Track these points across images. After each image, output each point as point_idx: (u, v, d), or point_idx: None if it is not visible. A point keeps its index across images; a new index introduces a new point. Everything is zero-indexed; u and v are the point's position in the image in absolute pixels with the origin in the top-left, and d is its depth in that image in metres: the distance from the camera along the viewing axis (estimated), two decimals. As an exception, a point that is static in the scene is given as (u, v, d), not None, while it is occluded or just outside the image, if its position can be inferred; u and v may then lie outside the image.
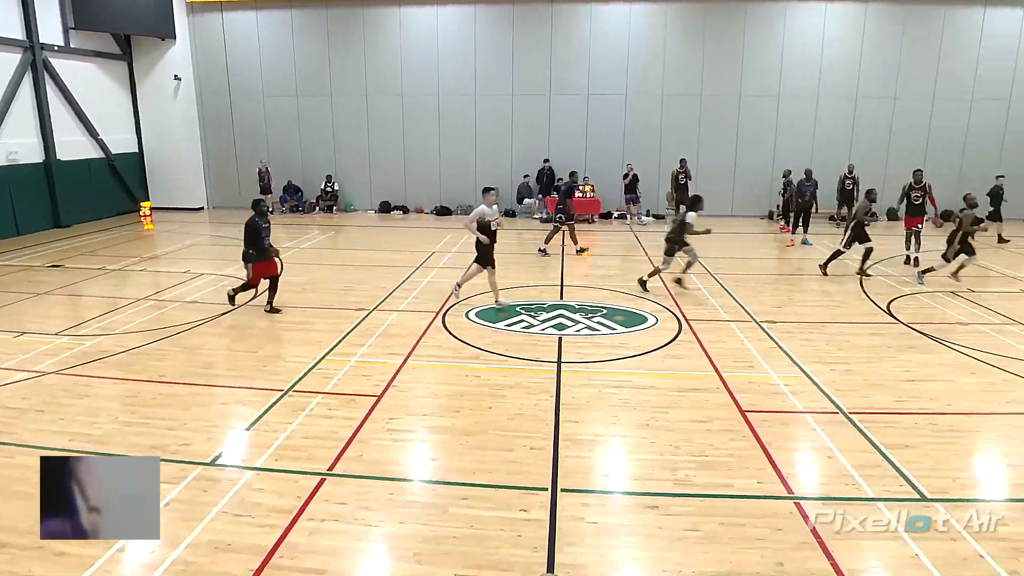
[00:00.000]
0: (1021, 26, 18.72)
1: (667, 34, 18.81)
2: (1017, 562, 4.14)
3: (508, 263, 13.13)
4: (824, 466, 5.33)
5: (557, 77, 19.14)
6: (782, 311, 9.85)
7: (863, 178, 18.39)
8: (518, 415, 6.17)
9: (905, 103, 19.19)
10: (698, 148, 19.23)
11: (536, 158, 19.43)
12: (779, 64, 18.93)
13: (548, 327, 8.85)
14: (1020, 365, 7.62)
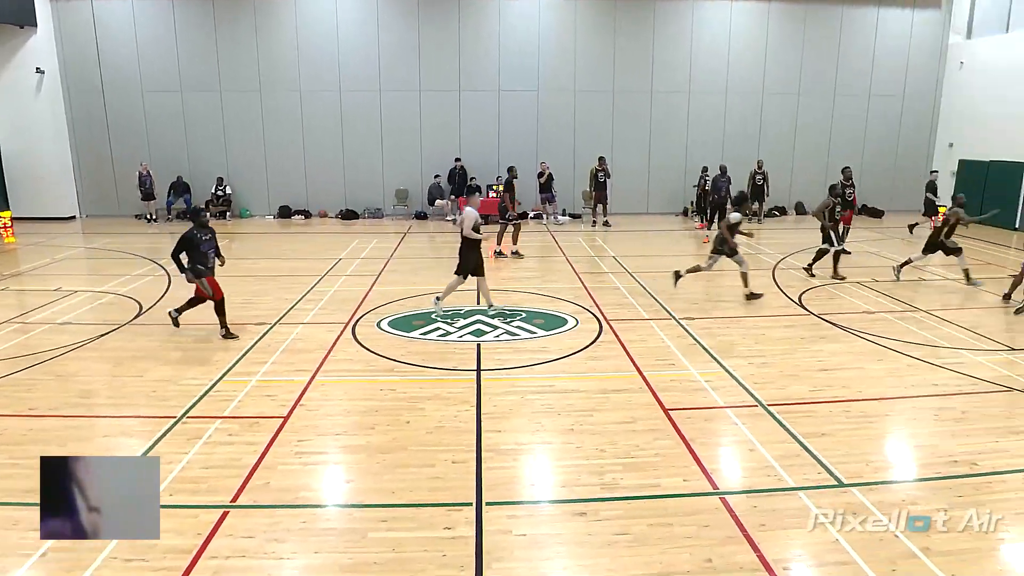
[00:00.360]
0: (911, 26, 20.48)
1: (577, 29, 19.28)
2: (929, 539, 4.51)
3: (421, 268, 13.03)
4: (746, 459, 5.61)
5: (467, 72, 19.21)
6: (700, 307, 10.29)
7: (772, 173, 19.56)
8: (438, 428, 6.13)
9: (809, 99, 20.55)
10: (612, 145, 19.80)
11: (447, 157, 19.40)
12: (688, 60, 19.81)
13: (466, 334, 8.84)
14: (921, 350, 8.32)
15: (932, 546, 4.41)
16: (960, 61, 20.26)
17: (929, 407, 6.68)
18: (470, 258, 9.51)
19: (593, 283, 11.76)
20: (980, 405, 6.70)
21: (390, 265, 13.16)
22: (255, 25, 18.66)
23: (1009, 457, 5.63)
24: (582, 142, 19.86)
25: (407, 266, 13.17)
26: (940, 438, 6.01)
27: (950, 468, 5.46)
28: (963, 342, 8.69)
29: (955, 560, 4.29)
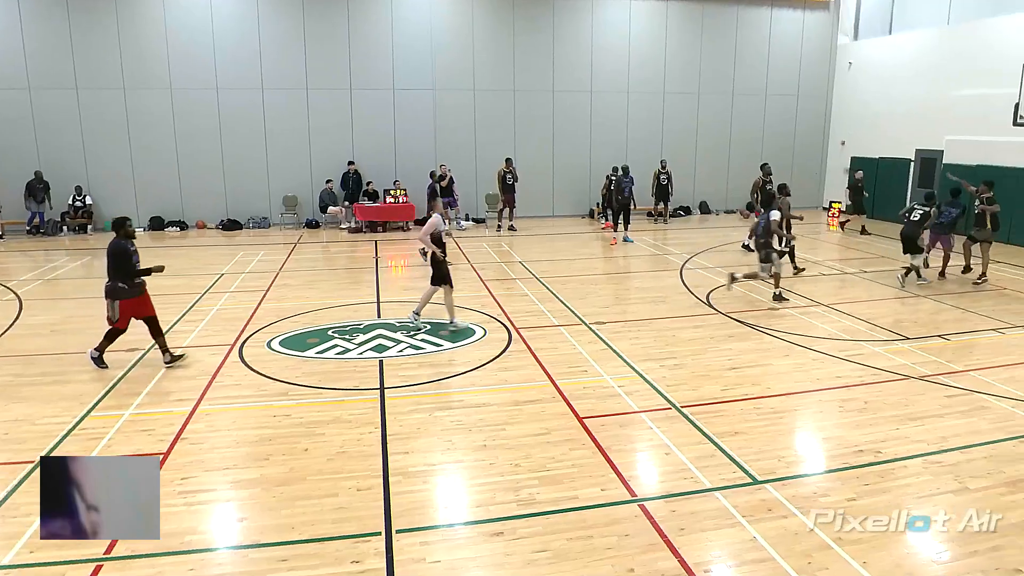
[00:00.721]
0: (803, 26, 22.00)
1: (475, 26, 19.42)
2: (840, 529, 4.81)
3: (314, 281, 12.68)
4: (663, 463, 5.80)
5: (358, 69, 18.92)
6: (610, 311, 10.57)
7: (675, 173, 20.42)
8: (340, 454, 5.96)
9: (708, 98, 21.64)
10: (515, 145, 20.05)
11: (340, 161, 19.01)
12: (589, 59, 20.39)
13: (366, 350, 8.67)
14: (825, 344, 8.91)
15: (844, 536, 4.71)
16: (849, 61, 21.95)
17: (834, 399, 7.16)
18: (442, 266, 9.46)
19: (500, 290, 11.84)
20: (881, 394, 7.25)
21: (280, 279, 12.73)
22: (116, 16, 17.56)
23: (909, 443, 6.12)
24: (484, 143, 20.01)
25: (299, 279, 12.78)
26: (846, 429, 6.45)
27: (857, 457, 5.86)
28: (863, 334, 9.38)
29: (866, 548, 4.60)
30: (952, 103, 18.01)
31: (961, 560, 4.51)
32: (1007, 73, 14.42)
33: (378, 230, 18.47)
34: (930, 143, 18.67)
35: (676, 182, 20.32)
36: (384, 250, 15.87)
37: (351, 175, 18.81)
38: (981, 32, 17.42)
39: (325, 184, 18.87)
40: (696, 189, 22.13)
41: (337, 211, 18.84)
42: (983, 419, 6.64)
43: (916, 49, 19.53)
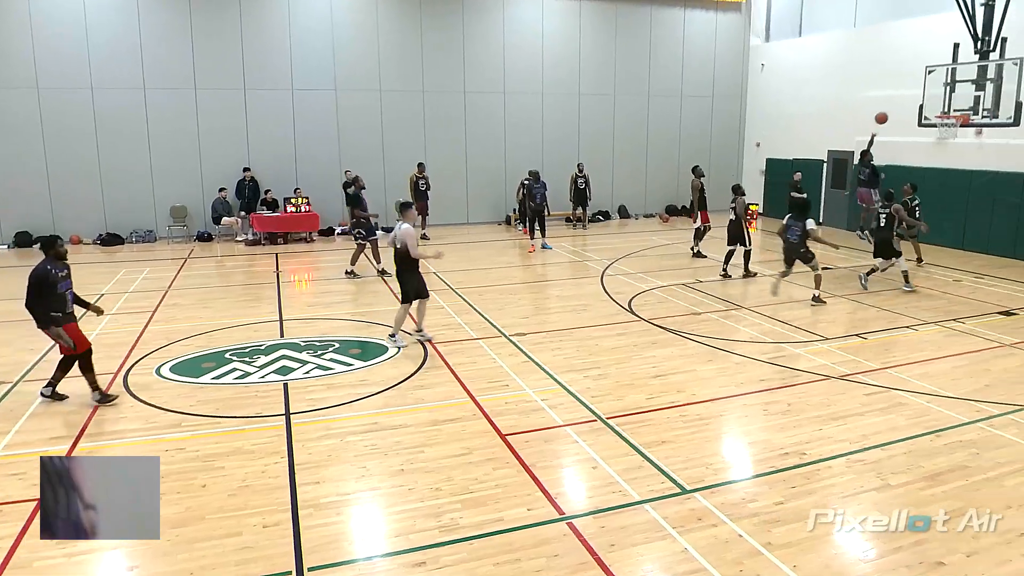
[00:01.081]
0: (716, 27, 22.97)
1: (379, 22, 19.28)
2: (770, 534, 5.01)
3: (208, 299, 12.22)
4: (590, 478, 5.88)
5: (253, 68, 18.40)
6: (530, 322, 10.66)
7: (593, 176, 20.87)
8: (242, 488, 5.74)
9: (624, 99, 22.26)
10: (425, 149, 19.99)
11: (234, 167, 18.41)
12: (501, 59, 20.60)
13: (269, 373, 8.41)
14: (747, 347, 9.28)
15: (773, 540, 4.90)
16: (761, 63, 23.07)
17: (758, 403, 7.46)
18: (412, 280, 9.27)
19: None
20: (803, 396, 7.61)
21: (169, 298, 12.18)
22: (-33, 8, 16.45)
23: (832, 443, 6.45)
24: (392, 147, 19.85)
25: (190, 298, 12.27)
26: (771, 432, 6.73)
27: (782, 460, 6.13)
28: (783, 336, 9.84)
29: (795, 551, 4.80)
30: (861, 104, 19.19)
31: (887, 556, 4.77)
32: (911, 75, 15.50)
33: (278, 242, 17.98)
34: (841, 144, 19.82)
35: (594, 186, 20.77)
36: (286, 263, 15.47)
37: (247, 183, 18.25)
38: (885, 35, 18.69)
39: (218, 193, 18.20)
40: (615, 193, 22.68)
41: (232, 222, 18.21)
42: (901, 415, 7.08)
43: (825, 51, 20.75)
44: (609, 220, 22.38)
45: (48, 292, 7.21)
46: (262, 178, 18.60)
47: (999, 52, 13.58)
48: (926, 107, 14.41)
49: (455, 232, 19.71)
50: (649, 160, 22.89)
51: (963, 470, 5.94)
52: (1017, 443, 6.45)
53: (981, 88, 13.54)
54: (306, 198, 18.40)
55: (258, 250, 17.21)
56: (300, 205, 18.24)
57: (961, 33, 14.07)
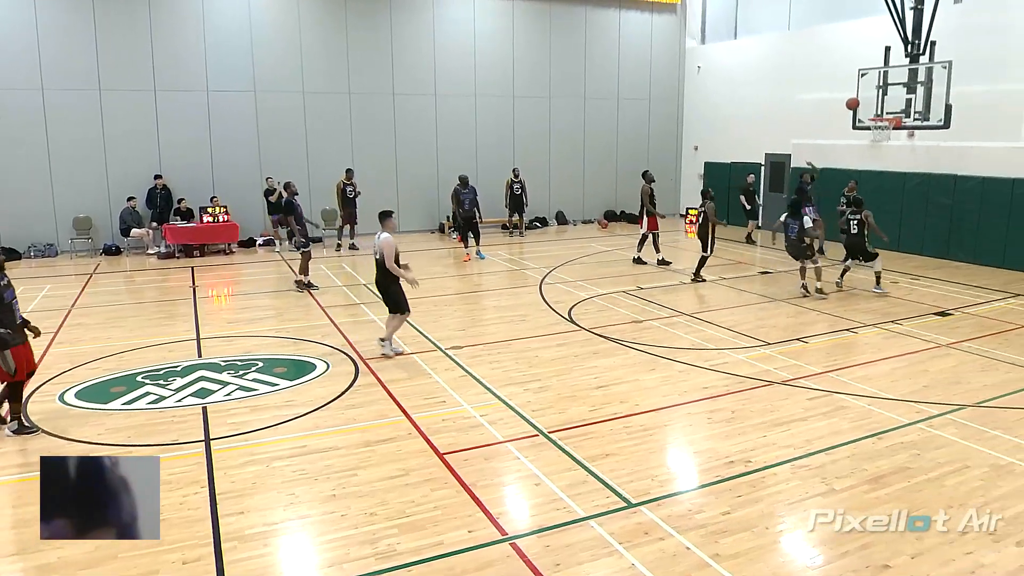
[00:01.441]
0: (651, 29, 23.51)
1: (301, 20, 19.03)
2: (717, 544, 5.11)
3: (117, 318, 11.77)
4: (533, 495, 5.89)
5: (164, 68, 17.89)
6: (467, 334, 10.65)
7: (529, 181, 21.03)
8: (160, 520, 5.52)
9: (560, 102, 22.54)
10: (353, 154, 19.78)
11: (145, 175, 17.83)
12: (432, 59, 20.59)
13: (186, 396, 8.15)
14: (689, 354, 9.48)
15: (721, 551, 5.00)
16: (698, 65, 23.72)
17: (702, 411, 7.62)
18: (398, 290, 9.36)
19: (344, 317, 11.58)
20: (747, 402, 7.81)
21: (72, 317, 11.68)
22: None
23: (777, 449, 6.63)
24: (317, 152, 19.58)
25: (97, 317, 11.80)
26: (715, 441, 6.88)
27: (728, 469, 6.26)
28: (725, 342, 10.09)
29: (743, 561, 4.90)
30: (796, 107, 19.96)
31: (834, 562, 4.93)
32: (845, 77, 16.18)
33: (194, 254, 17.47)
34: (778, 147, 20.54)
35: (531, 191, 20.92)
36: (203, 277, 15.05)
37: (159, 191, 17.70)
38: (819, 37, 19.49)
39: (127, 202, 17.58)
40: (552, 198, 22.90)
41: (143, 234, 17.61)
42: (843, 419, 7.34)
43: (761, 54, 21.49)
44: (546, 227, 22.57)
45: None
46: (175, 186, 18.05)
47: (928, 55, 14.33)
48: (860, 109, 15.07)
49: (386, 241, 19.49)
50: (587, 164, 23.22)
51: (905, 471, 6.20)
52: (956, 443, 6.76)
53: (912, 91, 14.26)
54: (224, 207, 17.94)
55: (172, 264, 16.69)
56: (217, 215, 17.78)
57: (892, 36, 14.80)
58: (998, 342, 10.02)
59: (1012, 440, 6.81)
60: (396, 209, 20.42)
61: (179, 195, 18.02)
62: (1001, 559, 4.92)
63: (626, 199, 23.42)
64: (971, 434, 6.96)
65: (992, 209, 15.35)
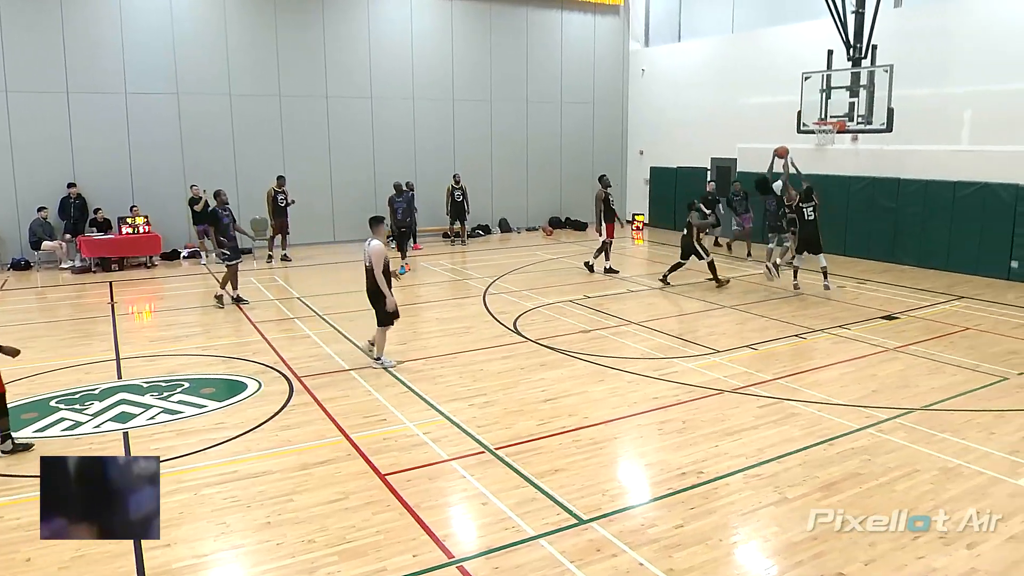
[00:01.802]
0: (594, 31, 23.84)
1: (227, 19, 18.72)
2: (671, 559, 5.17)
3: (28, 338, 11.32)
4: (480, 515, 5.87)
5: (77, 68, 17.35)
6: (408, 348, 10.58)
7: (471, 188, 21.06)
8: (77, 559, 5.34)
9: (501, 106, 22.67)
10: (284, 160, 19.51)
11: (57, 183, 17.25)
12: (367, 60, 20.48)
13: (105, 421, 7.89)
14: (638, 364, 9.60)
15: (675, 566, 5.06)
16: (642, 68, 24.15)
17: (652, 422, 7.72)
18: (383, 305, 9.39)
19: (276, 333, 11.39)
20: (697, 412, 7.94)
21: (-23, 339, 11.20)
22: None
23: (729, 459, 6.76)
24: (245, 158, 19.25)
25: (5, 337, 11.20)
26: (667, 452, 6.97)
27: (680, 481, 6.35)
28: (675, 351, 10.25)
29: (698, 575, 4.99)
30: (741, 111, 20.47)
31: (789, 571, 5.03)
32: (788, 81, 16.69)
33: (112, 268, 16.96)
34: (724, 151, 21.03)
35: (472, 198, 20.95)
36: (122, 293, 14.61)
37: (72, 200, 17.14)
38: (761, 41, 20.05)
39: (37, 213, 16.98)
40: (494, 205, 22.98)
41: (55, 247, 17.02)
42: (794, 426, 7.53)
43: (704, 57, 22.01)
44: (489, 235, 22.62)
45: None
46: (91, 195, 17.51)
47: (870, 59, 14.88)
48: (804, 113, 15.55)
49: (321, 252, 19.31)
50: (530, 170, 23.38)
51: (856, 477, 6.38)
52: (905, 447, 7.00)
53: (855, 94, 14.78)
54: (145, 217, 17.47)
55: (88, 278, 16.16)
56: (138, 225, 17.30)
57: (835, 40, 15.32)
58: (944, 345, 10.42)
59: (960, 443, 7.09)
60: (331, 218, 20.51)
61: (95, 204, 17.48)
62: (952, 562, 5.10)
63: (571, 205, 23.68)
64: (920, 438, 7.22)
65: (935, 212, 16.00)
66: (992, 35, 14.93)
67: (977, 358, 9.78)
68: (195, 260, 18.22)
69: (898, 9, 16.90)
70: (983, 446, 7.01)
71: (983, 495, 6.04)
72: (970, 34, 15.33)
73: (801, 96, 15.52)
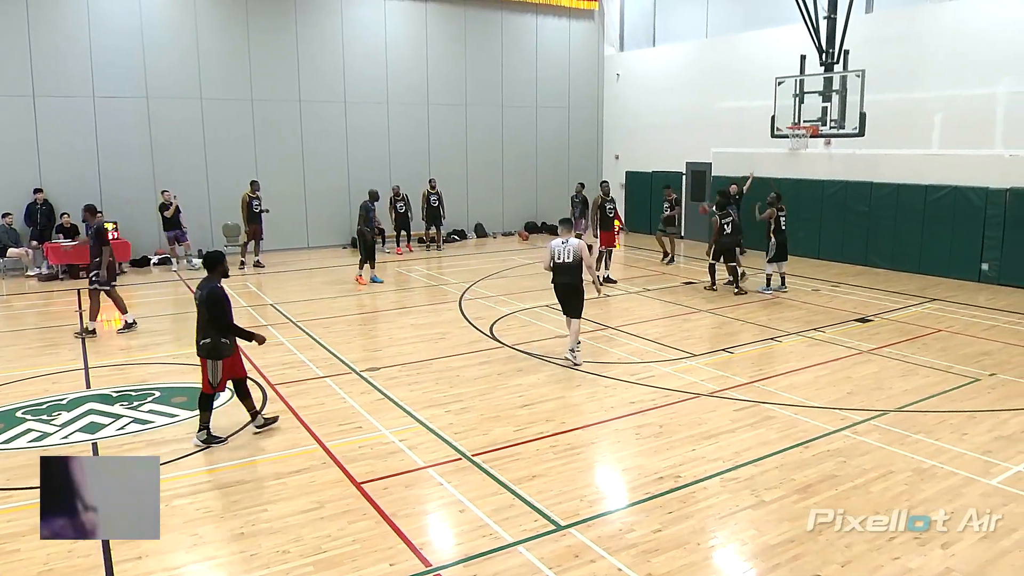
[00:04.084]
0: (569, 36, 23.95)
1: (198, 22, 18.55)
2: (649, 564, 5.18)
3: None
4: (458, 522, 5.85)
5: (45, 72, 17.08)
6: (383, 354, 10.53)
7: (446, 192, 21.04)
8: (45, 572, 5.25)
9: (477, 110, 22.68)
10: (256, 165, 19.36)
11: (23, 189, 16.97)
12: (341, 64, 20.40)
13: (74, 432, 7.77)
14: (615, 369, 9.64)
15: (653, 571, 5.08)
16: (617, 73, 24.29)
17: (630, 427, 7.74)
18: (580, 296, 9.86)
19: (250, 340, 11.27)
20: (675, 416, 7.99)
21: (-61, 349, 11.00)
22: None
23: (706, 463, 6.80)
24: (216, 163, 19.06)
25: None
26: (644, 457, 7.00)
27: (658, 485, 6.38)
28: (651, 355, 10.30)
29: (674, 582, 5.01)
30: (716, 115, 20.65)
31: (766, 574, 5.08)
32: (762, 86, 16.86)
33: (80, 275, 16.70)
34: (699, 156, 21.20)
35: (448, 203, 20.92)
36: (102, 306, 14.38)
37: (39, 206, 16.87)
38: (736, 46, 20.26)
39: (2, 219, 16.70)
40: (470, 210, 22.97)
41: (21, 253, 16.73)
42: (771, 429, 7.59)
43: (679, 62, 22.18)
44: (465, 240, 22.61)
45: (224, 314, 7.31)
46: (58, 200, 17.24)
47: (843, 64, 15.09)
48: (778, 118, 15.72)
49: (295, 258, 19.18)
50: (505, 175, 23.41)
51: (832, 479, 6.45)
52: (880, 448, 7.08)
53: (828, 99, 14.97)
54: (114, 223, 17.21)
55: (55, 286, 15.91)
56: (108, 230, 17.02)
57: (808, 45, 15.51)
58: (916, 347, 10.58)
59: (933, 444, 7.19)
60: (304, 224, 20.38)
61: (62, 210, 17.22)
62: (927, 562, 5.17)
63: (547, 210, 23.72)
64: (894, 439, 7.31)
65: (907, 215, 16.24)
66: (960, 41, 15.21)
67: (949, 360, 9.93)
68: (166, 267, 17.99)
69: (869, 15, 17.16)
70: (956, 447, 7.12)
71: (957, 495, 6.13)
72: (939, 40, 15.61)
73: (775, 101, 15.70)
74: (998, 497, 6.11)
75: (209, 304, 7.20)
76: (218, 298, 7.21)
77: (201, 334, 7.32)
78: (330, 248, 20.68)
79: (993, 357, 10.08)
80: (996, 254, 14.86)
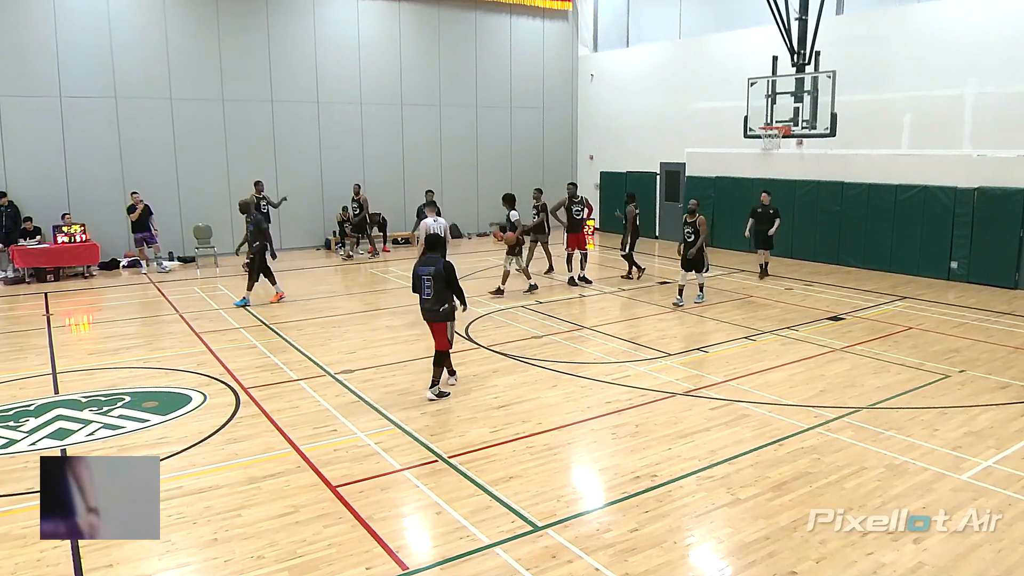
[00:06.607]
0: (543, 36, 23.99)
1: (167, 22, 18.34)
2: (627, 563, 5.20)
3: (-43, 354, 10.92)
4: (435, 525, 5.83)
5: (8, 71, 16.76)
6: (358, 356, 10.47)
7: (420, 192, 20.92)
8: (10, 580, 5.15)
9: (451, 111, 22.65)
10: (227, 166, 19.18)
11: (-16, 192, 16.69)
12: (313, 64, 20.27)
13: (42, 439, 7.63)
14: (591, 369, 9.66)
15: (631, 571, 5.10)
16: (591, 73, 24.36)
17: (606, 426, 7.77)
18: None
19: (220, 343, 11.16)
20: (650, 415, 8.02)
21: (-99, 355, 10.76)
22: None
23: (682, 462, 6.84)
24: (187, 164, 18.85)
25: (-69, 353, 10.91)
26: (621, 456, 7.02)
27: (634, 485, 6.41)
28: (627, 355, 10.34)
29: (651, 581, 5.03)
30: (689, 116, 20.80)
31: (743, 572, 5.11)
32: (735, 86, 17.01)
33: (48, 279, 16.45)
34: (673, 156, 21.33)
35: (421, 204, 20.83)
36: (59, 304, 14.16)
37: (4, 209, 16.58)
38: (709, 47, 20.41)
39: (-36, 223, 16.40)
40: (445, 211, 22.79)
41: (-16, 258, 16.45)
42: (745, 427, 7.65)
43: (653, 62, 22.30)
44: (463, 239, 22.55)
45: (456, 281, 8.54)
46: (24, 203, 16.94)
47: (814, 65, 15.26)
48: (750, 118, 15.86)
49: (267, 260, 18.98)
50: (480, 175, 23.39)
51: (806, 476, 6.52)
52: (853, 445, 7.17)
53: (799, 100, 15.13)
54: (81, 225, 16.97)
55: (21, 289, 15.64)
56: (74, 234, 16.80)
57: (779, 46, 15.66)
58: (888, 344, 10.72)
59: (905, 440, 7.29)
60: (276, 225, 20.18)
61: (27, 212, 16.92)
62: (900, 557, 5.24)
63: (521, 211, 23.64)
64: (867, 436, 7.40)
65: (878, 214, 16.47)
66: (927, 43, 15.46)
67: (920, 357, 10.08)
68: (135, 269, 17.75)
69: (840, 16, 17.37)
70: (927, 443, 7.23)
71: (928, 490, 6.22)
72: (908, 42, 15.85)
73: (747, 101, 15.83)
74: (969, 492, 6.21)
75: (448, 274, 8.40)
76: (453, 268, 8.48)
77: (437, 302, 8.45)
78: (303, 249, 20.54)
79: (962, 354, 10.25)
80: (965, 252, 15.11)
